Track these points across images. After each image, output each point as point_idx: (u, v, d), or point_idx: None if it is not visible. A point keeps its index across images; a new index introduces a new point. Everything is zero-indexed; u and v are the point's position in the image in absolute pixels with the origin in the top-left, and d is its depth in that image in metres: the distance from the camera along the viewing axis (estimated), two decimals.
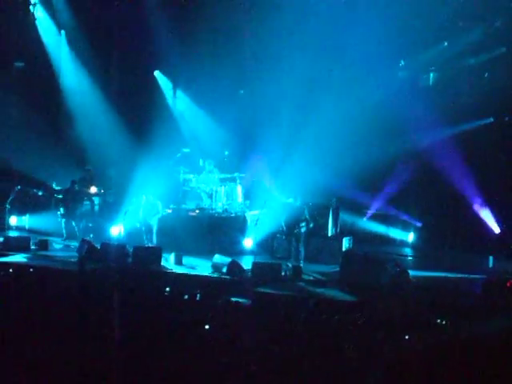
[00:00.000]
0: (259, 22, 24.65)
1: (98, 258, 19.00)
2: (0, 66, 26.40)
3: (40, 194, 24.82)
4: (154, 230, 21.28)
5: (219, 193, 23.43)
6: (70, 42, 26.72)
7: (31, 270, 17.55)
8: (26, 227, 23.74)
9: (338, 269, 18.27)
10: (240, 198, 23.79)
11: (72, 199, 22.63)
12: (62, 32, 26.88)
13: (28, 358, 10.49)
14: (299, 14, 24.43)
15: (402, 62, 24.92)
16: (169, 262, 19.21)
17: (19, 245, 20.54)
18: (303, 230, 19.62)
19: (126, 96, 26.90)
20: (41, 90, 26.27)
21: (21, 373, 10.01)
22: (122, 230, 21.49)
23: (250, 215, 22.42)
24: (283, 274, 18.03)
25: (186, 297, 14.57)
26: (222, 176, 23.73)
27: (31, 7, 26.56)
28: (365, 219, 23.16)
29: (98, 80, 26.43)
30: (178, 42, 26.55)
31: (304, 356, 10.57)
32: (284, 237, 20.19)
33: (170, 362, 10.55)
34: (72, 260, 19.20)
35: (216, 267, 18.32)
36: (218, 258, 18.61)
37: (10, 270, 17.19)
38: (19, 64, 27.11)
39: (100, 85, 26.52)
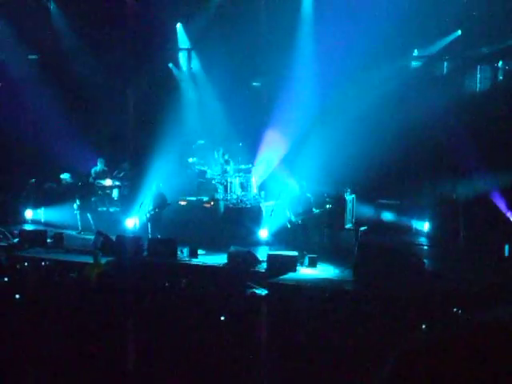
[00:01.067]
0: (273, 12, 24.71)
1: (114, 250, 19.06)
2: (16, 58, 26.48)
3: (55, 186, 24.83)
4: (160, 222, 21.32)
5: (234, 184, 23.43)
6: (84, 34, 26.68)
7: (47, 263, 17.64)
8: (42, 220, 23.79)
9: (353, 261, 18.23)
10: (255, 189, 23.77)
11: (87, 192, 22.72)
12: (77, 25, 26.85)
13: (44, 351, 10.55)
14: (313, 4, 24.47)
15: (416, 52, 24.86)
16: (184, 253, 19.24)
17: (35, 238, 20.55)
18: (308, 219, 19.71)
19: (140, 88, 26.91)
20: (55, 83, 26.26)
21: (35, 365, 10.07)
22: (138, 222, 21.56)
23: (265, 206, 22.40)
24: (298, 264, 18.04)
25: (202, 288, 14.63)
26: (237, 167, 23.74)
27: (45, 0, 26.64)
28: (380, 209, 23.05)
29: (112, 73, 26.42)
30: (192, 32, 26.64)
31: (319, 347, 10.59)
32: (289, 226, 20.22)
33: (186, 353, 10.59)
34: (87, 253, 19.25)
35: (231, 258, 18.32)
36: (233, 249, 18.62)
37: (26, 264, 17.29)
38: (33, 57, 27.15)
39: (114, 77, 26.49)
